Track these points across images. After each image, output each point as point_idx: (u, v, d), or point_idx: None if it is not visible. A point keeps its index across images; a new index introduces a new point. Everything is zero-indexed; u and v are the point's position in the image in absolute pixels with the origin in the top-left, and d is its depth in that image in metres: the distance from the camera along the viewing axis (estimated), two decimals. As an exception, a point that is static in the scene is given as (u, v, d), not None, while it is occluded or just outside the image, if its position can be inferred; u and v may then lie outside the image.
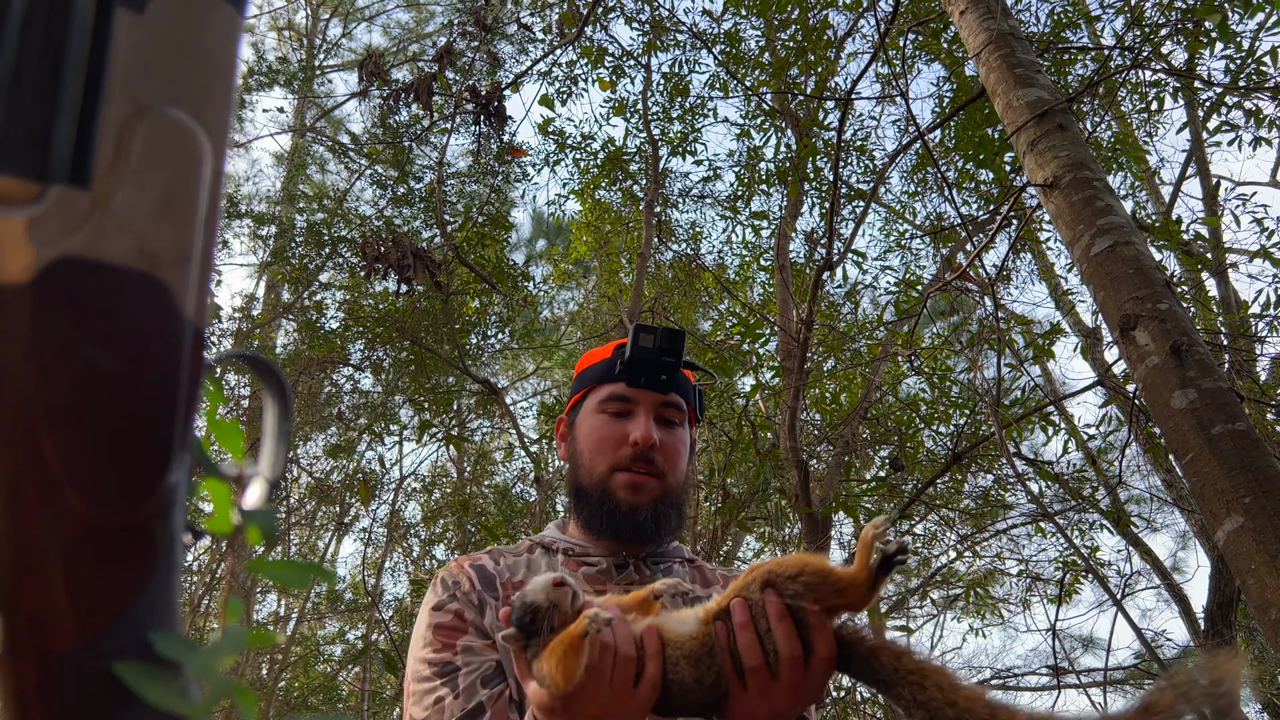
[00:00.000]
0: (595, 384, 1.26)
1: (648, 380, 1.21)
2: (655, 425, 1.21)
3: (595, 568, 1.19)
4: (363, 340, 6.56)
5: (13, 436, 0.27)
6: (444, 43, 5.23)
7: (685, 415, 1.26)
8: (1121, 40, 4.09)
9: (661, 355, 1.20)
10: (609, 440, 1.20)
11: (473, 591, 1.16)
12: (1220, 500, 1.78)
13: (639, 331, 1.21)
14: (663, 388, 1.22)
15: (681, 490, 1.23)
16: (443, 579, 1.20)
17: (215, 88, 0.30)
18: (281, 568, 0.35)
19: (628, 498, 1.18)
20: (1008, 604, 7.56)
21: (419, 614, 1.21)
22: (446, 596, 1.16)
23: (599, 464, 1.20)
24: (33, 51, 0.26)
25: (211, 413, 0.38)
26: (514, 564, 1.22)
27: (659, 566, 1.22)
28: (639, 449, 1.19)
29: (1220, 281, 6.89)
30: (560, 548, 1.24)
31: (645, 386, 1.21)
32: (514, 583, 1.19)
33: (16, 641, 0.28)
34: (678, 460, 1.23)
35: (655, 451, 1.19)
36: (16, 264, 0.27)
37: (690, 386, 1.27)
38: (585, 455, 1.22)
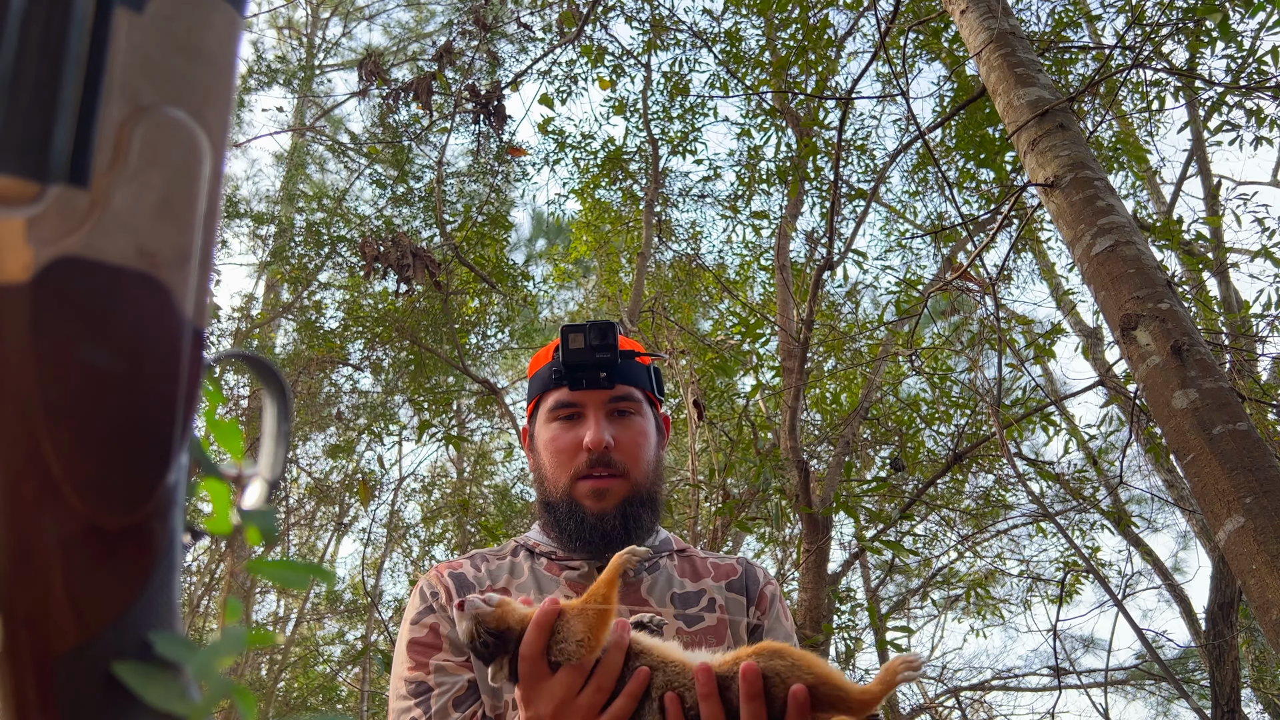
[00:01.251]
0: (542, 392, 1.23)
1: (588, 381, 1.18)
2: (607, 423, 1.17)
3: (577, 572, 1.17)
4: (362, 340, 6.56)
5: (12, 436, 0.27)
6: (444, 42, 5.23)
7: (640, 402, 1.21)
8: (1122, 39, 4.09)
9: (595, 354, 1.17)
10: (564, 450, 1.18)
11: (450, 604, 1.14)
12: (1221, 500, 1.78)
13: (567, 334, 1.18)
14: (606, 384, 1.18)
15: (650, 483, 1.20)
16: (421, 589, 1.19)
17: (215, 87, 0.30)
18: (281, 568, 0.35)
19: (593, 506, 1.15)
20: (1008, 604, 7.56)
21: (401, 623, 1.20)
22: (424, 608, 1.15)
23: (560, 476, 1.18)
24: (32, 51, 0.26)
25: (211, 413, 0.38)
26: (496, 569, 1.20)
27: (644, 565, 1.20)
28: (593, 454, 1.16)
29: (1221, 281, 6.89)
30: (543, 550, 1.22)
31: (588, 388, 1.18)
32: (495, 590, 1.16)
33: (15, 642, 0.28)
34: (639, 453, 1.19)
35: (612, 452, 1.16)
36: (15, 264, 0.27)
37: (640, 370, 1.22)
38: (547, 469, 1.20)
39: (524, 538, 1.27)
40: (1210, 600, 4.70)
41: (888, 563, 6.82)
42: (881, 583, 7.23)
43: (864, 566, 8.10)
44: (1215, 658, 4.37)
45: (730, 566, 1.26)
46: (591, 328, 1.17)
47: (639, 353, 1.22)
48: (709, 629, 1.16)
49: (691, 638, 1.14)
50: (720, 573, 1.24)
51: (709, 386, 5.82)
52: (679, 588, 1.20)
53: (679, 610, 1.17)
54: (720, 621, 1.17)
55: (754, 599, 1.24)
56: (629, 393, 1.20)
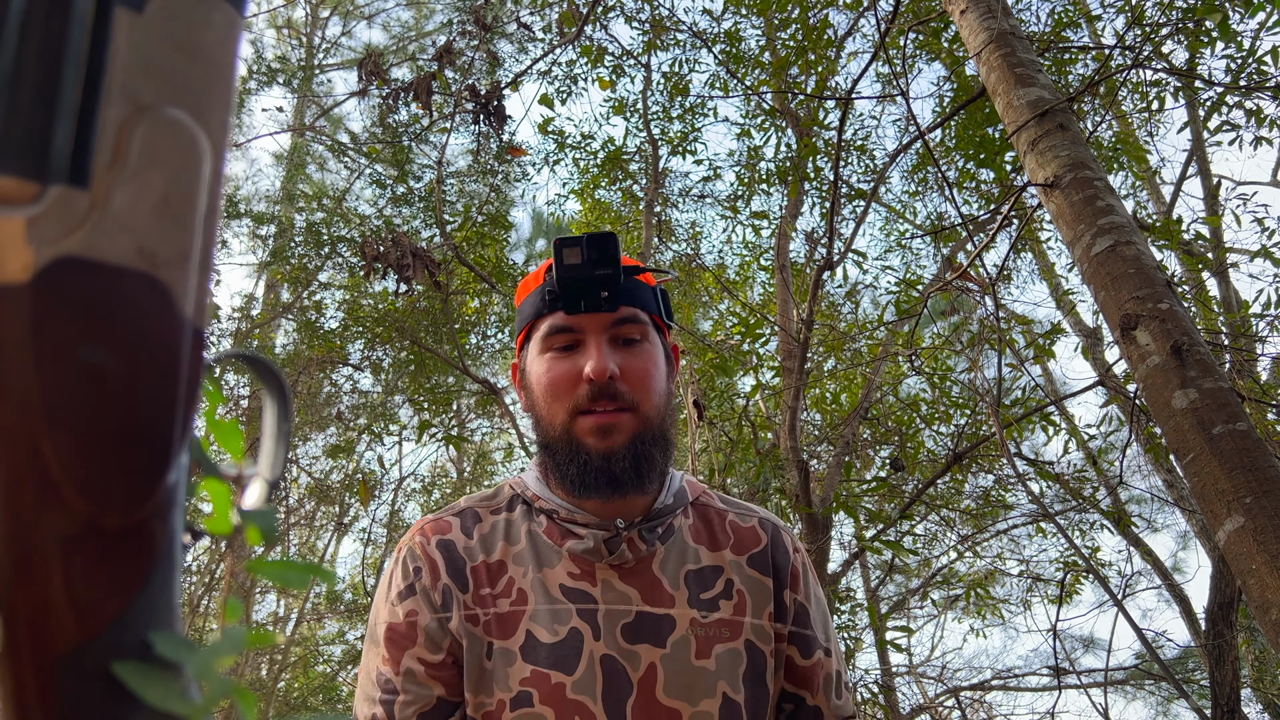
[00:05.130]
0: (533, 319, 1.06)
1: (587, 303, 1.01)
2: (610, 350, 1.01)
3: (582, 545, 1.02)
4: (362, 340, 6.56)
5: (11, 437, 0.27)
6: (444, 42, 5.23)
7: (647, 326, 1.05)
8: (1122, 40, 4.09)
9: (594, 270, 1.00)
10: (561, 381, 1.01)
11: (435, 586, 1.01)
12: (1221, 500, 1.78)
13: (561, 248, 1.00)
14: (608, 305, 1.01)
15: (662, 418, 1.04)
16: (404, 559, 1.05)
17: (215, 87, 0.30)
18: (281, 568, 0.35)
19: (598, 444, 0.99)
20: (1008, 604, 7.56)
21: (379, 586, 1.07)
22: (405, 587, 1.02)
23: (557, 412, 1.02)
24: (31, 51, 0.26)
25: (211, 413, 0.38)
26: (489, 533, 1.06)
27: (656, 532, 1.05)
28: (595, 385, 0.99)
29: (1221, 281, 6.89)
30: (545, 508, 1.07)
31: (587, 310, 1.01)
32: (488, 564, 1.03)
33: (15, 642, 0.28)
34: (648, 383, 1.03)
35: (617, 382, 1.00)
36: (15, 264, 0.27)
37: (647, 291, 1.07)
38: (542, 404, 1.04)
39: (521, 483, 1.12)
40: (1210, 600, 4.70)
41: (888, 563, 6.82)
42: (881, 583, 7.23)
43: (864, 566, 8.10)
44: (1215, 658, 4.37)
45: (752, 532, 1.11)
46: (589, 240, 1.00)
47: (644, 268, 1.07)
48: (722, 622, 1.03)
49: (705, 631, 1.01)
50: (741, 541, 1.10)
51: (709, 386, 5.82)
52: (693, 562, 1.06)
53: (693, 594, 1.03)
54: (737, 610, 1.04)
55: (785, 580, 1.09)
56: (634, 315, 1.03)
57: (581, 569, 1.02)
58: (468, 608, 1.00)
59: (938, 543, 7.35)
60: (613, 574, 1.02)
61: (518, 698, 0.96)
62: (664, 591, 1.02)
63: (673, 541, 1.07)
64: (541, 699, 0.96)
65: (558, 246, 1.00)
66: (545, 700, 0.96)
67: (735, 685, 1.01)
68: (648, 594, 1.02)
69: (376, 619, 1.03)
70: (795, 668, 1.08)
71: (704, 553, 1.07)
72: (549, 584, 1.01)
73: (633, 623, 1.00)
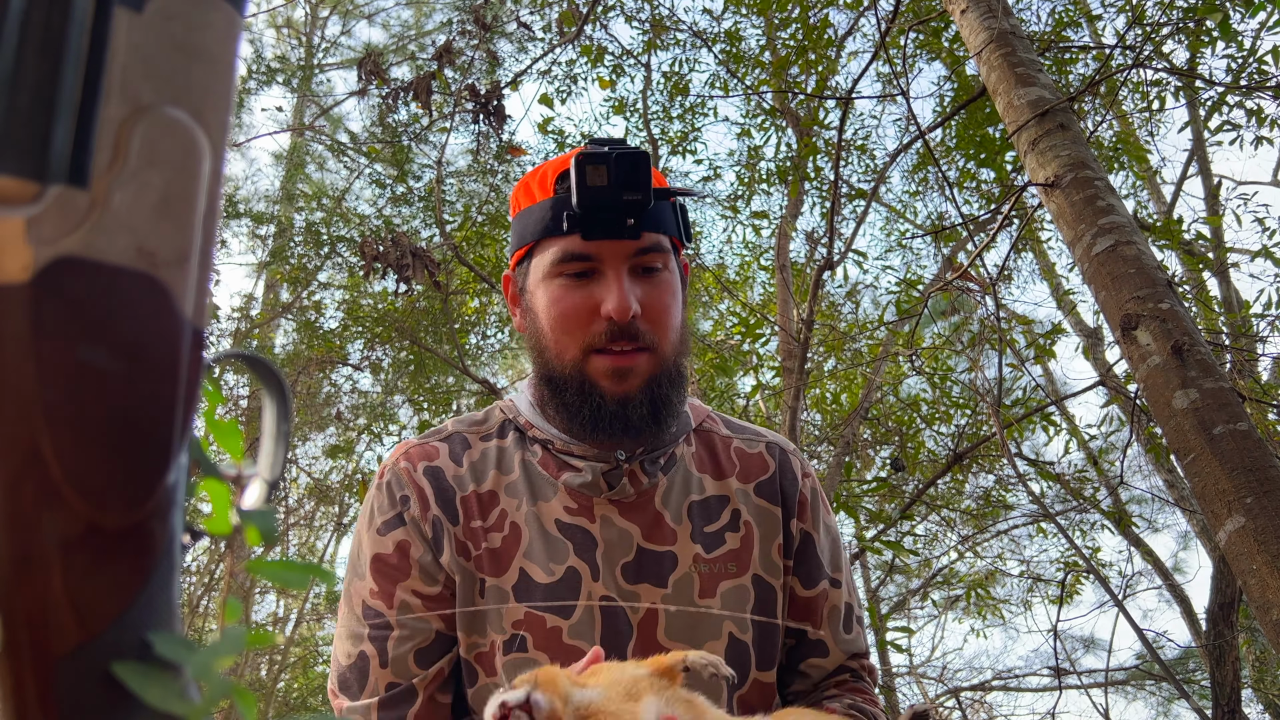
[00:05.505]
0: (540, 238, 0.95)
1: (609, 229, 0.90)
2: (630, 282, 0.92)
3: (580, 478, 0.95)
4: (362, 340, 6.56)
5: (12, 436, 0.27)
6: (443, 41, 5.23)
7: (669, 253, 0.95)
8: (1123, 39, 4.09)
9: (622, 194, 0.88)
10: (575, 315, 0.92)
11: (425, 517, 0.94)
12: (1221, 501, 1.78)
13: (584, 165, 0.88)
14: (631, 233, 0.91)
15: (678, 354, 0.96)
16: (389, 484, 0.96)
17: (214, 87, 0.30)
18: (280, 568, 0.35)
19: (613, 388, 0.92)
20: (1009, 605, 7.56)
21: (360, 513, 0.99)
22: (392, 516, 0.94)
23: (568, 347, 0.93)
24: (31, 51, 0.26)
25: (210, 413, 0.38)
26: (479, 460, 0.97)
27: (659, 464, 0.97)
28: (616, 324, 0.91)
29: (1222, 281, 6.89)
30: (539, 438, 0.98)
31: (606, 237, 0.91)
32: (479, 494, 0.95)
33: (15, 642, 0.27)
34: (668, 319, 0.94)
35: (637, 320, 0.91)
36: (15, 264, 0.27)
37: (668, 210, 0.96)
38: (548, 335, 0.94)
39: (513, 408, 1.03)
40: (1210, 600, 4.70)
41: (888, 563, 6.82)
42: (882, 583, 7.23)
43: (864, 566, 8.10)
44: (1216, 658, 4.37)
45: (760, 459, 1.04)
46: (619, 160, 0.88)
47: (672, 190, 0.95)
48: (730, 555, 0.96)
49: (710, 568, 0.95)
50: (747, 468, 1.02)
51: (709, 386, 5.82)
52: (697, 493, 0.99)
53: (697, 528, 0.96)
54: (744, 543, 0.97)
55: (792, 508, 1.02)
56: (658, 242, 0.93)
57: (579, 504, 0.95)
58: (458, 540, 0.93)
59: (938, 543, 7.35)
60: (612, 509, 0.95)
61: (511, 640, 0.90)
62: (666, 527, 0.96)
63: (675, 471, 0.99)
64: (536, 644, 0.90)
65: (580, 163, 0.88)
66: (540, 645, 0.90)
67: (742, 624, 0.95)
68: (649, 530, 0.95)
69: (359, 550, 0.95)
70: (796, 599, 1.01)
71: (708, 482, 1.00)
72: (544, 519, 0.94)
73: (633, 561, 0.94)
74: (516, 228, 0.99)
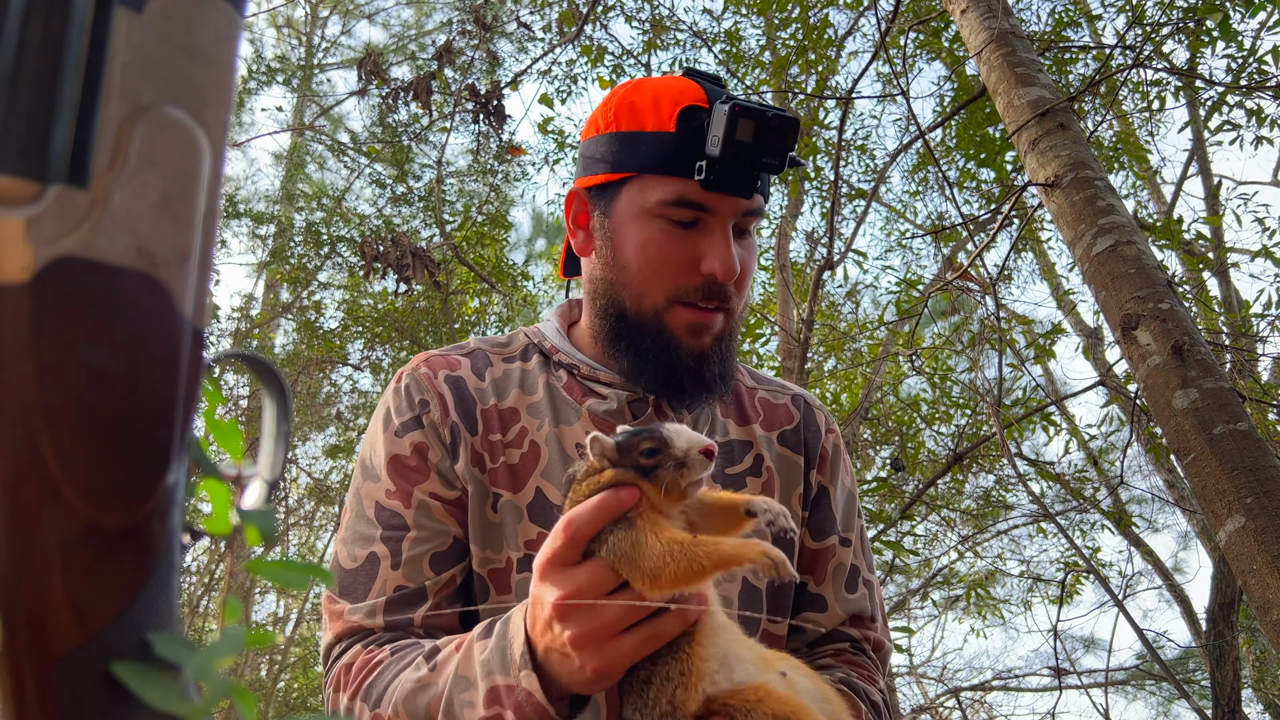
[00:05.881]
0: (646, 171, 0.90)
1: (735, 187, 0.87)
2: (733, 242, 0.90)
3: (605, 405, 0.93)
4: (362, 340, 6.56)
5: (12, 437, 0.27)
6: (443, 41, 5.23)
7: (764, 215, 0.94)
8: (1123, 39, 4.09)
9: (763, 154, 0.85)
10: (674, 263, 0.89)
11: (444, 422, 0.91)
12: (1222, 500, 1.78)
13: (737, 117, 0.83)
14: (747, 192, 0.88)
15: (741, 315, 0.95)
16: (407, 388, 0.94)
17: (214, 87, 0.30)
18: (280, 568, 0.35)
19: (690, 342, 0.90)
20: (1009, 605, 7.56)
21: (373, 418, 0.96)
22: (410, 419, 0.92)
23: (655, 292, 0.90)
24: (31, 51, 0.26)
25: (210, 413, 0.38)
26: (502, 378, 0.96)
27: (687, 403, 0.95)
28: (715, 284, 0.89)
29: (1222, 281, 6.89)
30: (565, 362, 0.97)
31: (728, 192, 0.87)
32: (499, 410, 0.93)
33: (15, 642, 0.27)
34: (748, 282, 0.93)
35: (730, 282, 0.90)
36: (15, 264, 0.27)
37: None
38: (632, 274, 0.91)
39: (537, 333, 1.01)
40: (1211, 600, 4.70)
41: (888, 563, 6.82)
42: (882, 583, 7.23)
43: (864, 566, 8.08)
44: (1216, 658, 4.37)
45: (784, 409, 1.03)
46: (774, 119, 0.84)
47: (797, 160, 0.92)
48: None
49: None
50: (771, 417, 1.02)
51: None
52: (721, 435, 0.98)
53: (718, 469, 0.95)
54: (765, 489, 0.96)
55: (813, 459, 1.01)
56: (761, 205, 0.91)
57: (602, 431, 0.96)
58: (475, 451, 0.91)
59: (938, 543, 7.35)
60: None
61: (525, 559, 0.88)
62: None
63: (700, 412, 0.98)
64: None
65: (734, 113, 0.83)
66: None
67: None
68: None
69: (373, 451, 0.93)
70: (804, 550, 0.99)
71: (732, 426, 1.00)
72: (565, 441, 0.92)
73: None
74: (610, 150, 0.93)
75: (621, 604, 0.66)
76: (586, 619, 0.66)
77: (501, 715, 0.72)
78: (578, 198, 0.98)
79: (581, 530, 0.66)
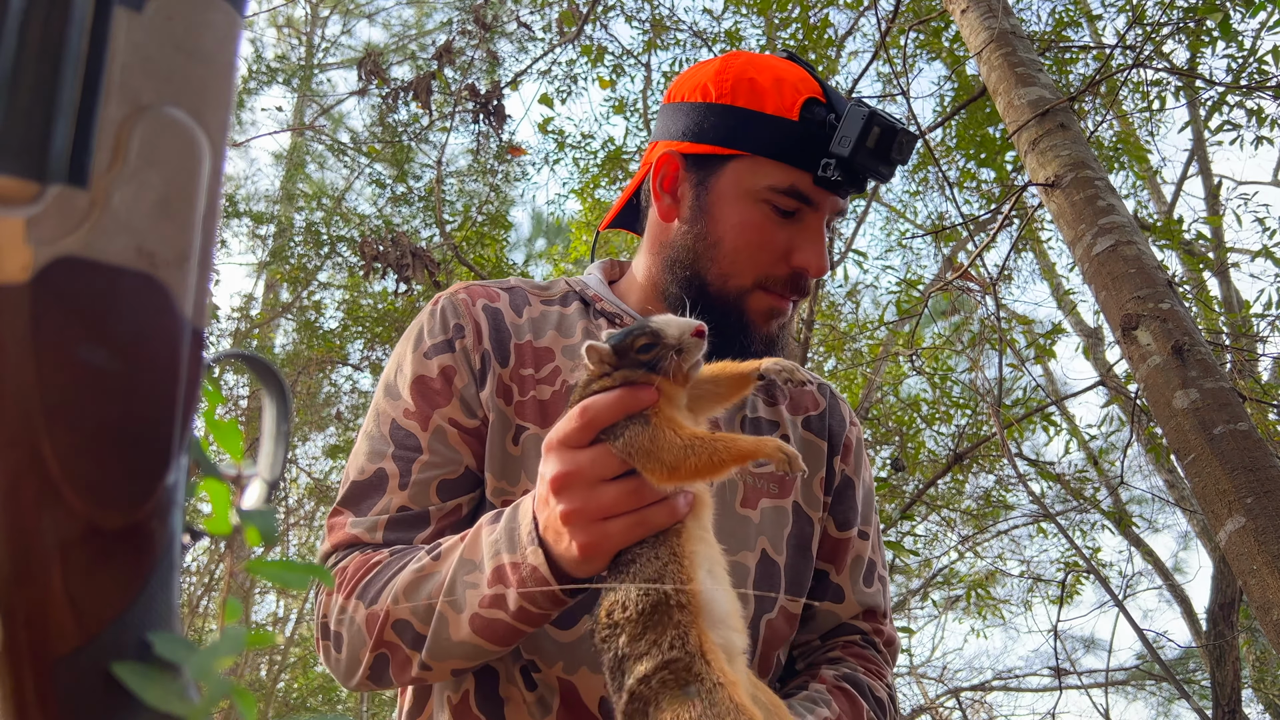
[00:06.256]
0: (760, 153, 0.91)
1: (843, 188, 0.90)
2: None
3: None
4: (362, 340, 6.56)
5: (11, 437, 0.27)
6: (444, 41, 5.23)
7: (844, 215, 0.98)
8: (1123, 39, 4.09)
9: (879, 165, 0.88)
10: (769, 249, 0.91)
11: (477, 347, 0.92)
12: (1222, 500, 1.78)
13: (872, 124, 0.86)
14: (845, 194, 0.92)
15: None
16: (443, 310, 0.95)
17: (214, 87, 0.30)
18: (280, 568, 0.35)
19: (763, 326, 0.93)
20: (1009, 605, 7.56)
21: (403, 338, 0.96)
22: (442, 341, 0.92)
23: (744, 272, 0.92)
24: (31, 51, 0.26)
25: (210, 413, 0.38)
26: (539, 318, 0.97)
27: None
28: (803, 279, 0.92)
29: (1222, 281, 6.89)
30: (607, 310, 0.98)
31: (834, 191, 0.90)
32: (534, 347, 0.94)
33: (15, 642, 0.27)
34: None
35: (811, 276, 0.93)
36: (15, 264, 0.27)
37: None
38: (724, 251, 0.92)
39: (580, 282, 1.02)
40: (1211, 600, 4.70)
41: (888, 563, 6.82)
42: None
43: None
44: (1216, 658, 4.37)
45: (810, 395, 1.06)
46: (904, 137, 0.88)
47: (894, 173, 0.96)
48: (773, 476, 0.96)
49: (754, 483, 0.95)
50: (798, 401, 1.04)
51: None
52: (751, 410, 1.00)
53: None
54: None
55: (837, 446, 1.03)
56: (847, 208, 0.96)
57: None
58: (502, 383, 0.91)
59: (938, 543, 7.35)
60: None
61: None
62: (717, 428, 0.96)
63: None
64: None
65: (870, 119, 0.86)
66: None
67: (778, 546, 0.94)
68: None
69: (399, 369, 0.93)
70: (827, 538, 1.00)
71: (760, 405, 1.02)
72: None
73: None
74: (721, 123, 0.92)
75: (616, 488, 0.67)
76: (580, 496, 0.67)
77: (503, 595, 0.72)
78: (670, 160, 0.96)
79: (598, 418, 0.67)
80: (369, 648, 0.79)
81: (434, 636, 0.76)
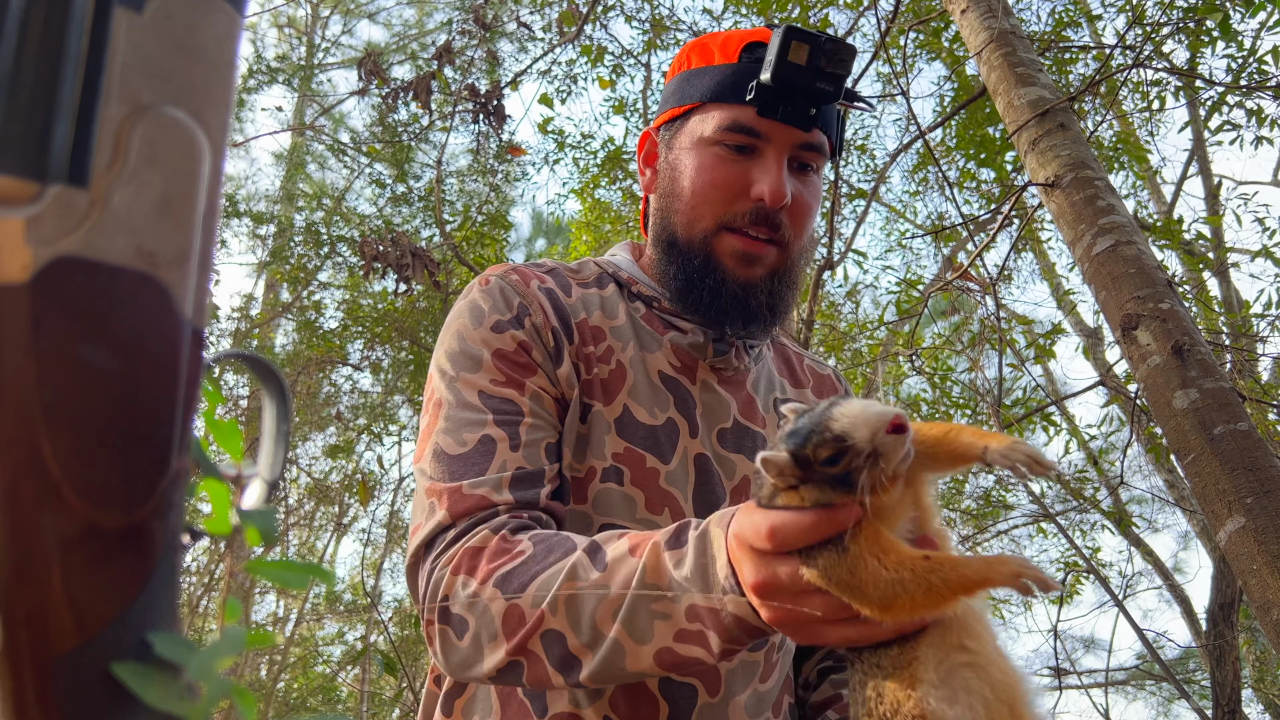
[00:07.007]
0: (708, 101, 0.91)
1: (788, 113, 0.87)
2: (788, 174, 0.90)
3: (688, 339, 0.93)
4: (362, 340, 6.56)
5: (11, 437, 0.27)
6: (444, 41, 5.23)
7: (825, 157, 0.93)
8: (1123, 39, 4.09)
9: (817, 81, 0.84)
10: (723, 186, 0.89)
11: (546, 326, 0.89)
12: (1222, 500, 1.78)
13: (790, 38, 0.83)
14: (805, 123, 0.88)
15: (803, 258, 0.94)
16: (501, 289, 0.91)
17: (214, 87, 0.30)
18: (280, 568, 0.35)
19: (738, 270, 0.90)
20: (1009, 604, 7.56)
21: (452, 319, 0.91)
22: (510, 318, 0.88)
23: (703, 216, 0.90)
24: (31, 51, 0.26)
25: (210, 413, 0.38)
26: (586, 300, 0.95)
27: (753, 352, 0.98)
28: (763, 209, 0.89)
29: (1222, 281, 6.89)
30: (644, 294, 0.97)
31: (783, 120, 0.87)
32: (590, 326, 0.92)
33: (14, 642, 0.27)
34: (808, 219, 0.93)
35: (783, 212, 0.89)
36: (14, 264, 0.27)
37: (835, 114, 0.93)
38: (685, 200, 0.91)
39: (610, 264, 1.01)
40: (1211, 600, 4.70)
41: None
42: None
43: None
44: (1216, 658, 4.37)
45: (829, 380, 1.07)
46: (827, 44, 0.84)
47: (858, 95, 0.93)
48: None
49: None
50: (820, 385, 1.06)
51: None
52: (780, 392, 1.00)
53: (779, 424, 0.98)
54: None
55: None
56: (822, 142, 0.91)
57: (683, 362, 0.94)
58: (573, 360, 0.90)
59: (938, 543, 7.34)
60: (712, 376, 0.94)
61: (609, 471, 0.87)
62: (757, 411, 0.96)
63: (762, 368, 1.00)
64: (633, 479, 0.87)
65: (787, 35, 0.83)
66: (637, 482, 0.87)
67: None
68: (744, 408, 0.95)
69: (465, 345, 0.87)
70: None
71: (788, 387, 1.02)
72: (648, 367, 0.92)
73: (730, 429, 0.94)
74: (679, 87, 0.95)
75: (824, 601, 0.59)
76: (786, 604, 0.61)
77: (704, 633, 0.67)
78: (649, 139, 1.00)
79: (785, 544, 0.60)
80: (505, 649, 0.73)
81: (603, 663, 0.70)
